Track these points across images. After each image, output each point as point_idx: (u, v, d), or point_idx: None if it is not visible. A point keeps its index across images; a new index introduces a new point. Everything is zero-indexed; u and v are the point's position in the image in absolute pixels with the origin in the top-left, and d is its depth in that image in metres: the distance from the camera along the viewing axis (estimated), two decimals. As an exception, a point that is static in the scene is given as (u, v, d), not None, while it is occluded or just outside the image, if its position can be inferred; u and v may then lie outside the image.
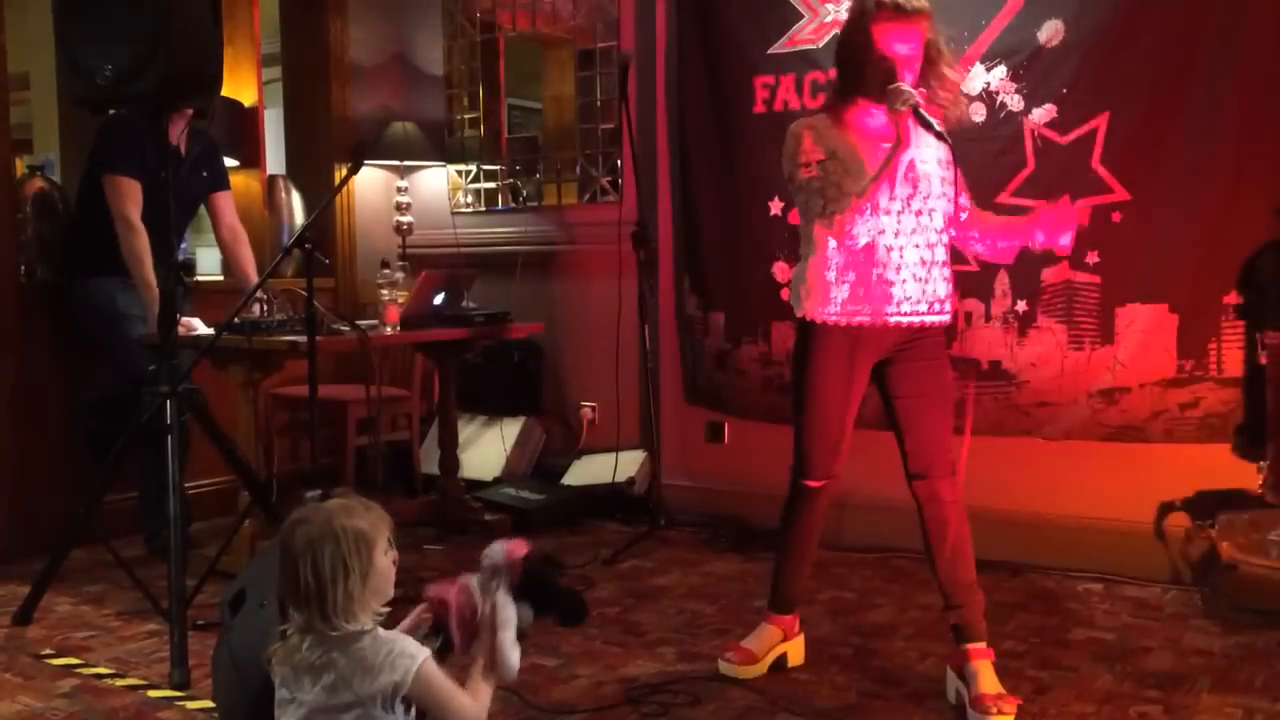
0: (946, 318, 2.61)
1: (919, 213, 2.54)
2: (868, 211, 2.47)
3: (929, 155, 2.55)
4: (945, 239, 2.59)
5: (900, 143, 2.44)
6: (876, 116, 2.53)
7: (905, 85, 2.44)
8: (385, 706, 1.67)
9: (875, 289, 2.53)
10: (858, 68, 2.52)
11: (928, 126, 2.44)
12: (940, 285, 2.58)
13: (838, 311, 2.56)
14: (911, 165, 2.51)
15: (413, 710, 1.73)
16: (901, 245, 2.53)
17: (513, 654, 1.75)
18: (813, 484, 2.70)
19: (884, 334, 2.57)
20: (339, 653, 1.66)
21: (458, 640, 1.79)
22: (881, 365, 2.62)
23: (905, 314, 2.55)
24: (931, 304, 2.57)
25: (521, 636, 1.79)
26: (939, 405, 2.62)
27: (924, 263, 2.55)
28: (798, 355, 2.68)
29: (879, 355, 2.61)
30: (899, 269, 2.53)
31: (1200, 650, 2.85)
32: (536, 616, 1.82)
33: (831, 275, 2.56)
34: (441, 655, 1.78)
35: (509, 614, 1.77)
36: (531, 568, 1.80)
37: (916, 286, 2.54)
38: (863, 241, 2.51)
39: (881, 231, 2.52)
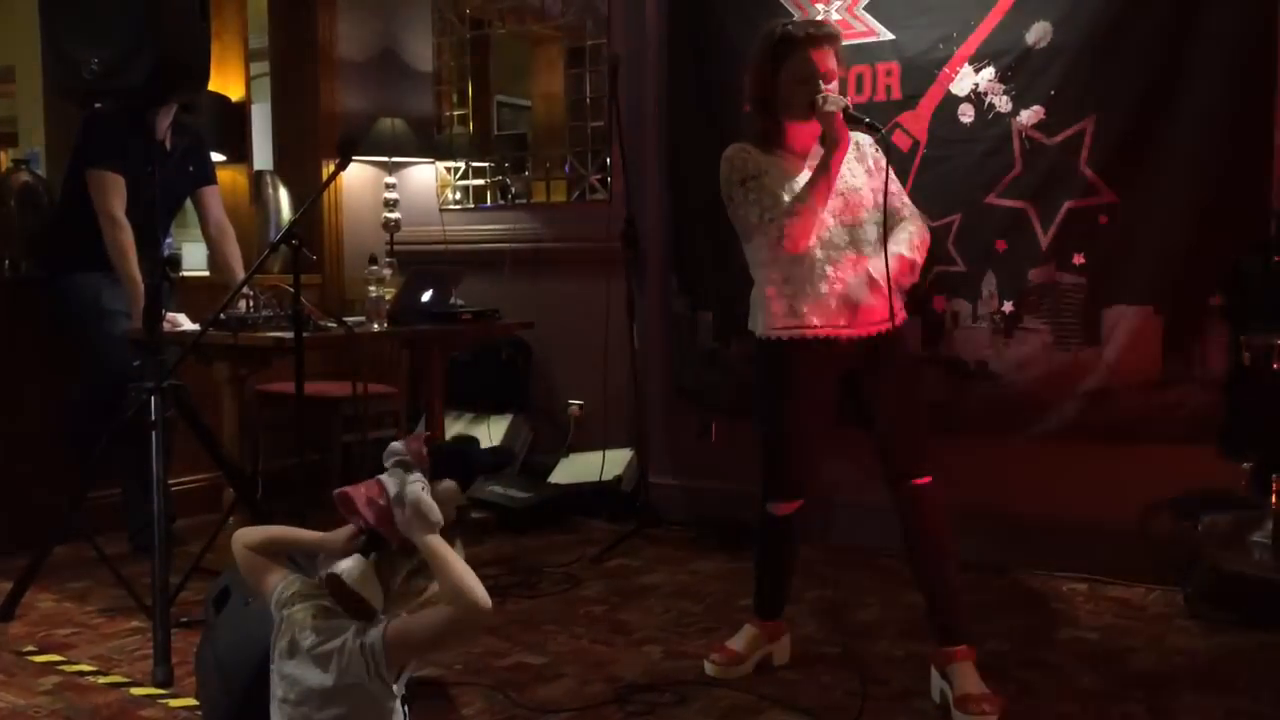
0: (897, 324, 2.59)
1: (852, 225, 2.56)
2: (807, 216, 2.48)
3: (857, 170, 2.61)
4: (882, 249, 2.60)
5: (837, 142, 2.48)
6: (804, 137, 2.59)
7: (831, 92, 2.51)
8: (381, 681, 1.66)
9: (822, 303, 2.55)
10: (776, 94, 2.58)
11: (857, 123, 2.50)
12: (887, 295, 2.58)
13: (789, 327, 2.58)
14: (839, 178, 2.56)
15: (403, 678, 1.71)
16: (836, 259, 2.55)
17: (426, 496, 1.66)
18: (780, 510, 2.70)
19: (838, 347, 2.57)
20: (345, 650, 1.65)
21: (384, 531, 1.70)
22: (848, 377, 2.63)
23: (849, 326, 2.55)
24: (883, 314, 2.57)
25: (462, 506, 1.73)
26: (908, 408, 2.61)
27: (866, 274, 2.56)
28: (757, 376, 2.70)
29: (840, 369, 2.61)
30: (842, 282, 2.54)
31: (1183, 650, 2.86)
32: (466, 481, 1.76)
33: (778, 292, 2.59)
34: (375, 549, 1.69)
35: (411, 481, 1.68)
36: (440, 447, 1.75)
37: (865, 298, 2.55)
38: (805, 251, 2.52)
39: (821, 246, 2.54)
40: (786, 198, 2.53)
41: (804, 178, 2.56)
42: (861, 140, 2.66)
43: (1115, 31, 3.25)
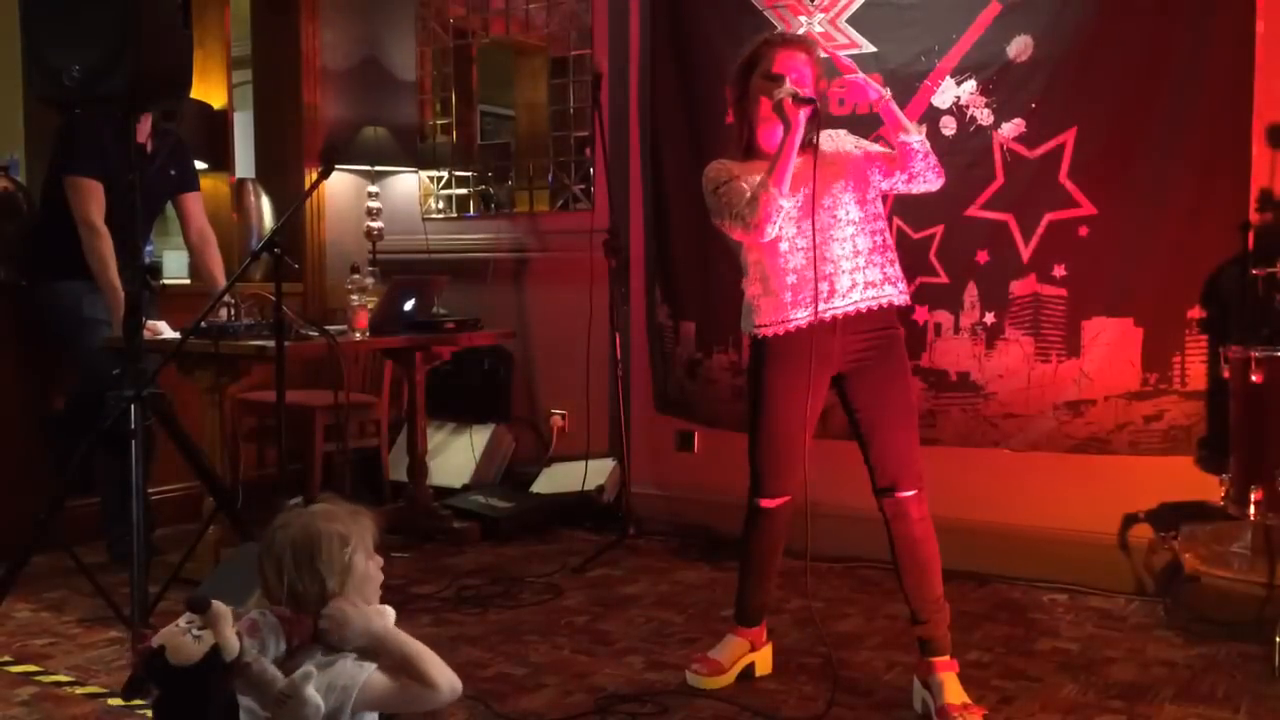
0: (889, 300, 2.60)
1: (832, 208, 2.57)
2: (773, 206, 2.48)
3: (837, 155, 2.61)
4: (872, 229, 2.61)
5: (788, 127, 2.48)
6: (775, 139, 2.58)
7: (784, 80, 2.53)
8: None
9: (805, 290, 2.56)
10: (748, 95, 2.62)
11: (803, 102, 2.46)
12: (875, 272, 2.58)
13: (776, 321, 2.59)
14: (816, 165, 2.54)
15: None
16: (819, 243, 2.55)
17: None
18: (768, 504, 2.72)
19: (828, 335, 2.57)
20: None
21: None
22: (840, 378, 2.64)
23: (840, 306, 2.56)
24: (867, 290, 2.58)
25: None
26: (901, 418, 2.61)
27: (852, 254, 2.57)
28: (749, 373, 2.74)
29: (832, 364, 2.61)
30: (825, 265, 2.55)
31: (1163, 661, 2.87)
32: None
33: (762, 290, 2.62)
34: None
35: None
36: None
37: (847, 279, 2.56)
38: (768, 236, 2.53)
39: (792, 240, 2.56)
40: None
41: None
42: (840, 137, 2.66)
43: (1095, 46, 3.28)
